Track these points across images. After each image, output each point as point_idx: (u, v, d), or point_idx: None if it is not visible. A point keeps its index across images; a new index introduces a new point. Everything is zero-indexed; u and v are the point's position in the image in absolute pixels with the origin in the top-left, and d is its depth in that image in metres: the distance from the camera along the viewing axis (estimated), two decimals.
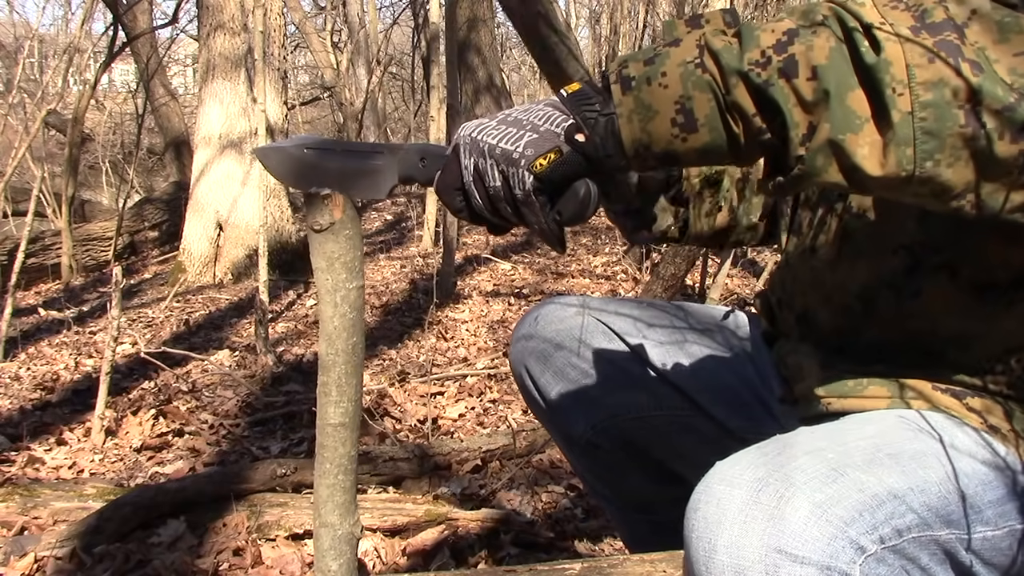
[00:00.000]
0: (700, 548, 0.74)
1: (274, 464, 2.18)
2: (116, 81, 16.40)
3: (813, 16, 0.73)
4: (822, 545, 0.71)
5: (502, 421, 2.83)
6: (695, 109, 0.74)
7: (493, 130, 0.82)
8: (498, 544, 1.88)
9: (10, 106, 6.79)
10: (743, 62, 0.72)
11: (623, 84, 0.76)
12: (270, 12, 5.98)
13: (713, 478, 0.77)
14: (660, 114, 0.75)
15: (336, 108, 12.02)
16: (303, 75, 15.96)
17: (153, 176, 11.95)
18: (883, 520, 0.74)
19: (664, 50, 0.76)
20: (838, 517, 0.72)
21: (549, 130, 0.80)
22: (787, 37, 0.72)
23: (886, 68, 0.69)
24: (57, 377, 3.71)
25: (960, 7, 0.71)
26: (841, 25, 0.72)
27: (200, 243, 5.98)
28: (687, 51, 0.75)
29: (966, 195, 0.71)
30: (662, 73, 0.75)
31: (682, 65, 0.75)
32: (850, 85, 0.70)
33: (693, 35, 0.76)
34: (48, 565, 1.85)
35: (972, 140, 0.69)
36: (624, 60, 0.78)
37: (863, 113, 0.70)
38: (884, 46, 0.69)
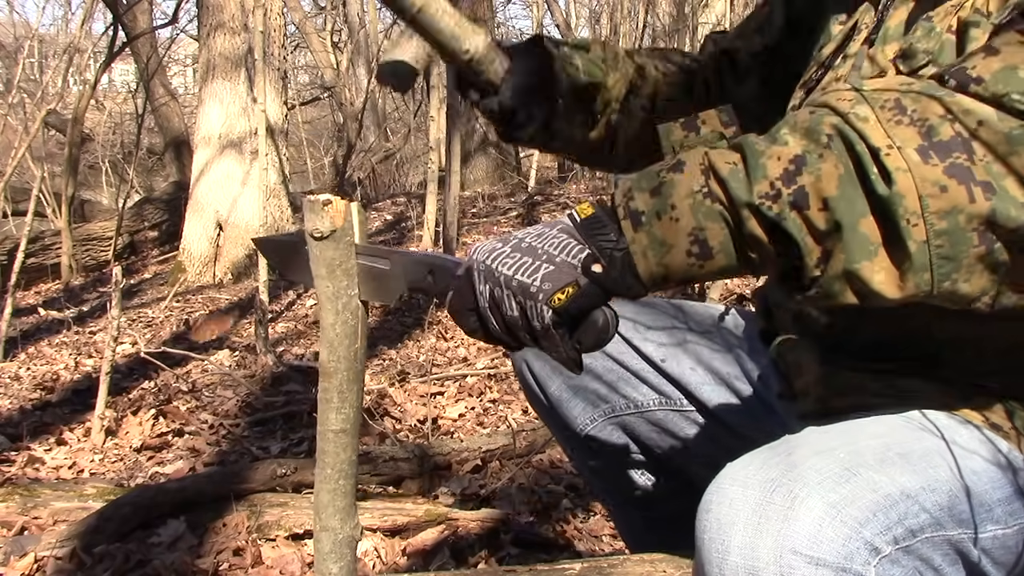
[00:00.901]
0: (713, 549, 0.73)
1: (274, 464, 2.18)
2: (116, 81, 16.40)
3: (818, 136, 0.73)
4: (837, 546, 0.70)
5: (502, 421, 2.83)
6: (709, 239, 0.75)
7: (507, 259, 0.80)
8: (498, 544, 1.88)
9: (10, 106, 6.80)
10: (753, 195, 0.73)
11: (633, 220, 0.76)
12: (270, 12, 5.98)
13: (724, 479, 0.76)
14: (675, 248, 0.76)
15: (336, 108, 12.02)
16: (303, 75, 15.96)
17: (153, 176, 11.95)
18: (896, 520, 0.73)
19: (669, 177, 0.76)
20: (852, 518, 0.72)
21: (565, 261, 0.78)
22: (795, 167, 0.72)
23: (899, 201, 0.69)
24: (57, 377, 3.71)
25: (967, 118, 0.71)
26: (848, 148, 0.71)
27: (200, 243, 5.99)
28: (693, 179, 0.75)
29: (982, 299, 0.73)
30: (671, 206, 0.75)
31: (690, 196, 0.75)
32: (861, 212, 0.71)
33: (695, 156, 0.76)
34: (48, 565, 1.85)
35: (988, 256, 0.70)
36: (629, 190, 0.78)
37: (876, 239, 0.71)
38: (895, 177, 0.69)
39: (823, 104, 0.76)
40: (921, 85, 0.74)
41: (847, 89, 0.76)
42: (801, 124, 0.74)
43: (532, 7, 15.67)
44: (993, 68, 0.72)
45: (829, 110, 0.74)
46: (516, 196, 8.63)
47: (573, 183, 9.30)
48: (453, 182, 4.70)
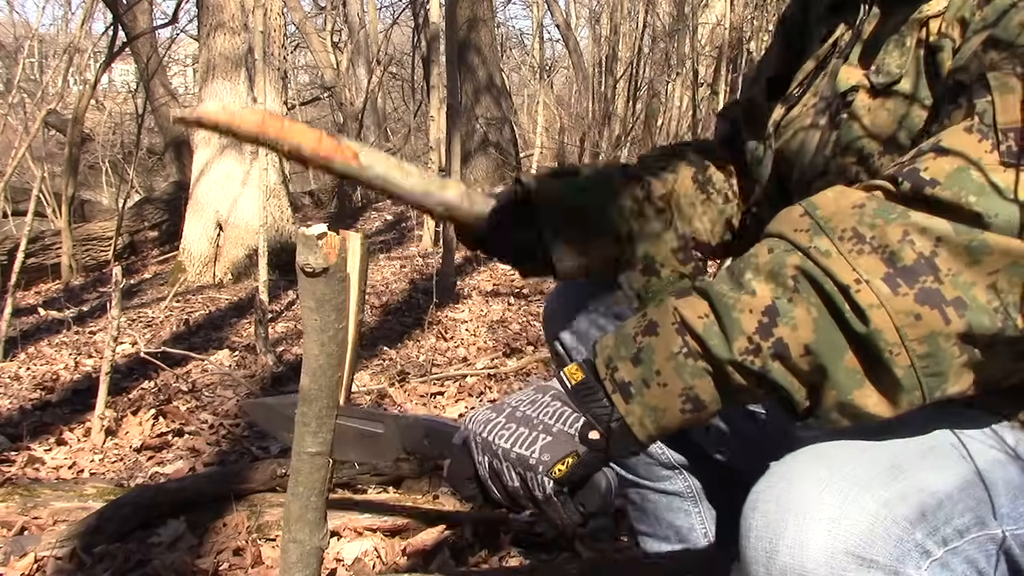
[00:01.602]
0: (760, 548, 0.72)
1: (274, 464, 2.18)
2: (116, 81, 16.40)
3: (783, 280, 0.74)
4: (890, 548, 0.70)
5: None
6: (700, 394, 0.77)
7: (504, 430, 0.81)
8: (498, 544, 1.88)
9: (10, 106, 6.79)
10: (733, 352, 0.74)
11: (623, 392, 0.78)
12: (270, 12, 5.98)
13: (773, 477, 0.76)
14: (669, 409, 0.78)
15: (336, 108, 12.02)
16: (303, 75, 15.96)
17: (153, 176, 11.95)
18: (945, 520, 0.73)
19: (646, 342, 0.78)
20: (904, 517, 0.71)
21: (563, 431, 0.80)
22: (768, 318, 0.74)
23: (878, 336, 0.71)
24: (57, 377, 3.71)
25: (924, 237, 0.72)
26: (816, 288, 0.73)
27: (200, 243, 5.98)
28: (670, 340, 0.77)
29: (975, 388, 0.75)
30: (656, 372, 0.77)
31: (672, 359, 0.77)
32: (842, 349, 0.72)
33: (665, 314, 0.78)
34: (48, 565, 1.85)
35: (971, 360, 0.72)
36: (610, 359, 0.80)
37: (860, 370, 0.73)
38: (870, 315, 0.71)
39: (779, 235, 0.77)
40: (874, 206, 0.74)
41: (800, 214, 0.77)
42: (764, 267, 0.75)
43: (532, 7, 15.68)
44: (946, 170, 0.73)
45: (788, 245, 0.75)
46: None
47: None
48: None
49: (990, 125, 0.74)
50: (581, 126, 10.64)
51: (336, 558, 1.87)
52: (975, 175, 0.72)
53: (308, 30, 12.58)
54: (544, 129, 11.40)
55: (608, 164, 1.23)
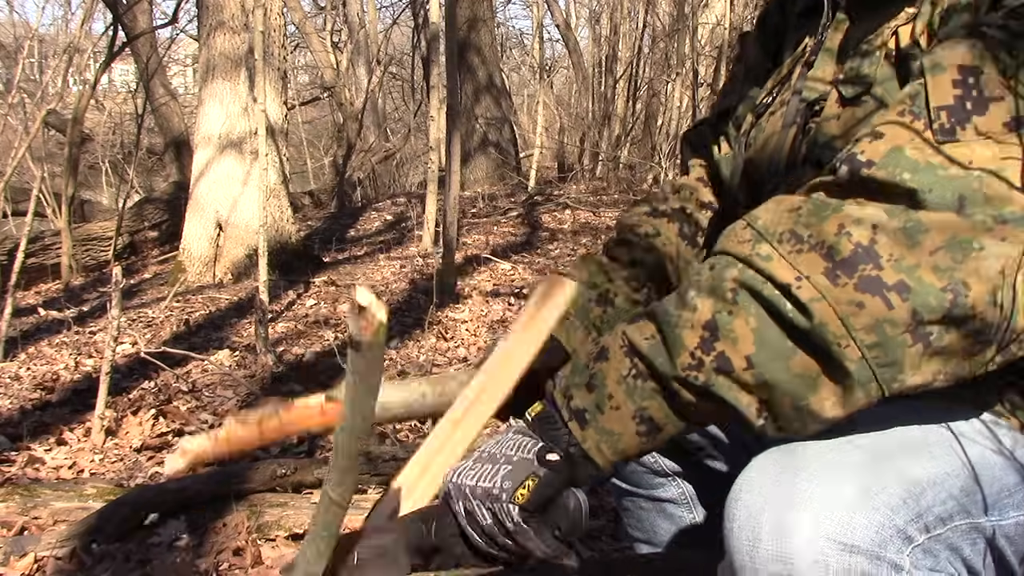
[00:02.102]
0: (743, 538, 0.73)
1: (274, 464, 2.18)
2: (116, 81, 16.40)
3: (722, 293, 0.74)
4: (871, 533, 0.70)
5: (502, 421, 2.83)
6: (652, 416, 0.78)
7: (471, 471, 0.83)
8: None
9: (10, 106, 6.79)
10: (677, 368, 0.75)
11: (578, 419, 0.80)
12: (270, 12, 5.98)
13: (753, 470, 0.77)
14: (624, 433, 0.79)
15: (336, 108, 12.02)
16: (303, 75, 15.96)
17: (153, 176, 11.96)
18: (927, 508, 0.74)
19: (597, 368, 0.80)
20: (884, 504, 0.72)
21: (522, 458, 0.82)
22: (709, 332, 0.74)
23: (824, 329, 0.70)
24: (57, 377, 3.71)
25: (860, 227, 0.71)
26: (755, 296, 0.73)
27: (200, 243, 5.98)
28: (619, 363, 0.79)
29: (938, 379, 0.73)
30: (608, 396, 0.79)
31: (622, 382, 0.78)
32: (788, 353, 0.72)
33: (615, 339, 0.80)
34: (48, 565, 1.85)
35: (928, 347, 0.71)
36: (567, 388, 0.82)
37: (813, 370, 0.72)
38: (812, 309, 0.70)
39: (723, 251, 0.77)
40: (809, 207, 0.74)
41: (742, 227, 0.77)
42: (705, 283, 0.76)
43: (532, 7, 15.68)
44: (881, 151, 0.73)
45: (731, 259, 0.76)
46: (516, 196, 8.63)
47: (573, 183, 9.30)
48: (453, 182, 4.70)
49: (923, 106, 0.74)
50: (581, 126, 10.64)
51: None
52: (909, 152, 0.72)
53: (308, 30, 12.58)
54: (544, 129, 11.40)
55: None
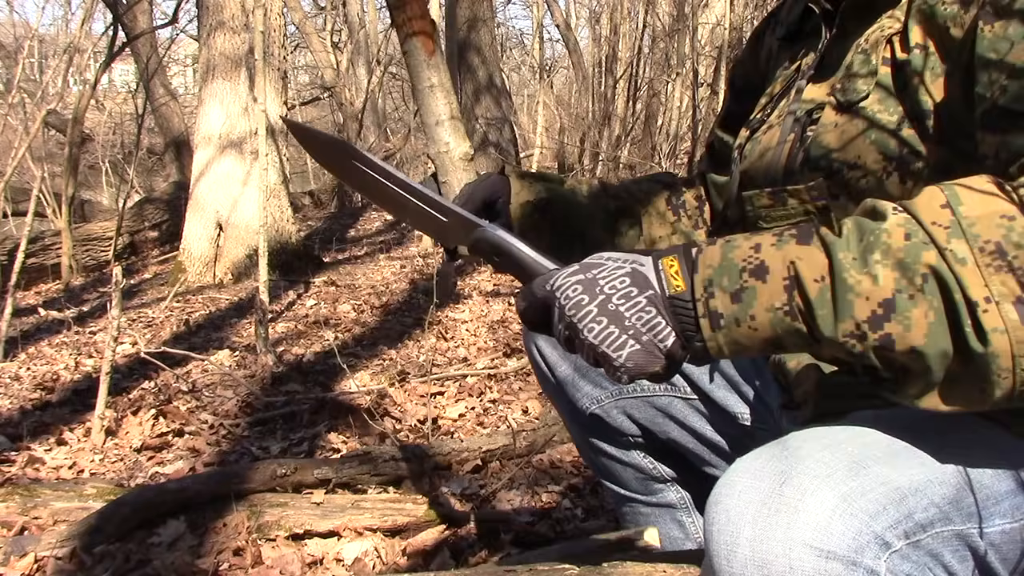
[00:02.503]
0: (722, 542, 0.73)
1: (274, 464, 2.18)
2: (116, 81, 16.40)
3: (911, 275, 0.71)
4: (848, 539, 0.70)
5: (502, 421, 2.83)
6: (784, 342, 0.77)
7: (594, 323, 0.79)
8: (498, 544, 1.88)
9: (10, 106, 6.79)
10: (837, 332, 0.73)
11: (712, 320, 0.77)
12: (270, 12, 5.98)
13: (734, 473, 0.77)
14: (750, 348, 0.78)
15: (336, 108, 12.02)
16: (303, 75, 15.96)
17: (153, 176, 11.96)
18: (906, 514, 0.73)
19: (751, 284, 0.76)
20: (863, 510, 0.72)
21: (652, 343, 0.79)
22: (883, 311, 0.71)
23: (992, 360, 0.69)
24: (57, 377, 3.71)
25: None
26: (943, 292, 0.70)
27: (200, 243, 5.98)
28: (775, 294, 0.75)
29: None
30: (751, 316, 0.76)
31: (771, 311, 0.75)
32: (947, 357, 0.71)
33: (780, 262, 0.75)
34: (48, 565, 1.85)
35: None
36: (710, 283, 0.77)
37: (959, 380, 0.71)
38: (991, 338, 0.69)
39: (915, 216, 0.73)
40: (1022, 225, 0.71)
41: (941, 204, 0.73)
42: (895, 253, 0.72)
43: (532, 7, 15.68)
44: None
45: (925, 235, 0.72)
46: None
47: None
48: None
49: None
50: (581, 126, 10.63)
51: (336, 558, 1.87)
52: None
53: (308, 30, 12.58)
54: (544, 129, 11.39)
55: (591, 181, 1.24)
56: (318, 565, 1.85)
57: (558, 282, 0.82)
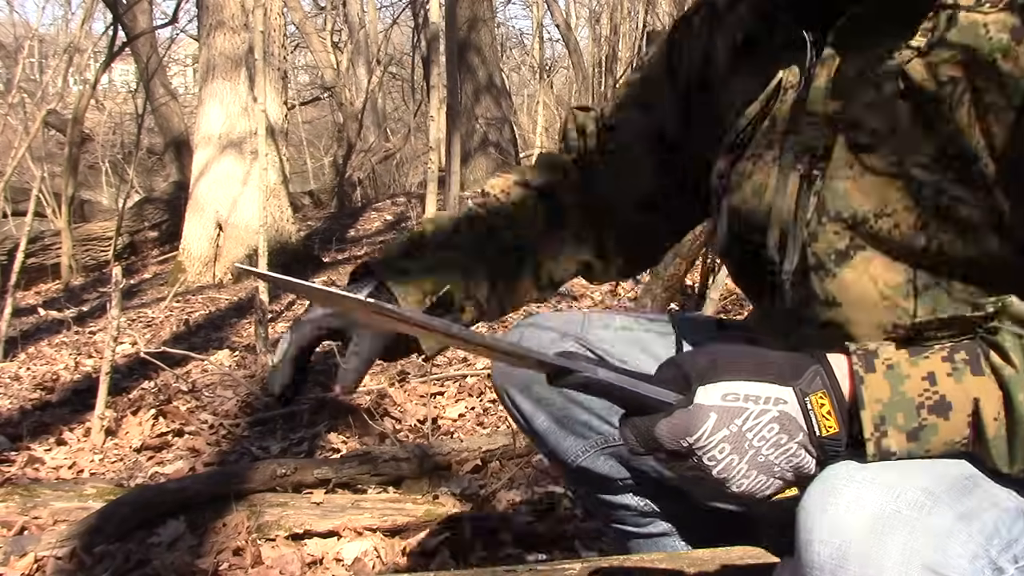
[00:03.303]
0: (826, 555, 0.68)
1: (274, 464, 2.18)
2: (116, 81, 16.41)
3: None
4: (965, 563, 0.66)
5: (502, 421, 2.83)
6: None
7: (744, 478, 0.75)
8: (498, 544, 1.88)
9: (10, 106, 6.79)
10: (1012, 468, 0.71)
11: (883, 457, 0.72)
12: (270, 12, 5.98)
13: (838, 479, 0.71)
14: None
15: (336, 108, 12.03)
16: (303, 75, 15.96)
17: (153, 176, 11.96)
18: (1016, 537, 0.70)
19: (932, 422, 0.71)
20: (980, 532, 0.68)
21: (794, 474, 0.76)
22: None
23: None
24: (57, 377, 3.71)
25: None
26: None
27: (200, 243, 5.99)
28: (958, 431, 0.71)
29: None
30: (927, 450, 0.72)
31: (949, 446, 0.72)
32: None
33: (964, 400, 0.71)
34: (48, 565, 1.85)
35: None
36: (882, 420, 0.72)
37: None
38: None
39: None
40: None
41: None
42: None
43: (532, 7, 15.69)
44: None
45: None
46: None
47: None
48: (453, 182, 4.70)
49: None
50: None
51: (336, 558, 1.87)
52: None
53: (308, 30, 12.58)
54: (544, 129, 11.40)
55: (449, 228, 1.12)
56: (318, 565, 1.85)
57: (701, 441, 0.74)
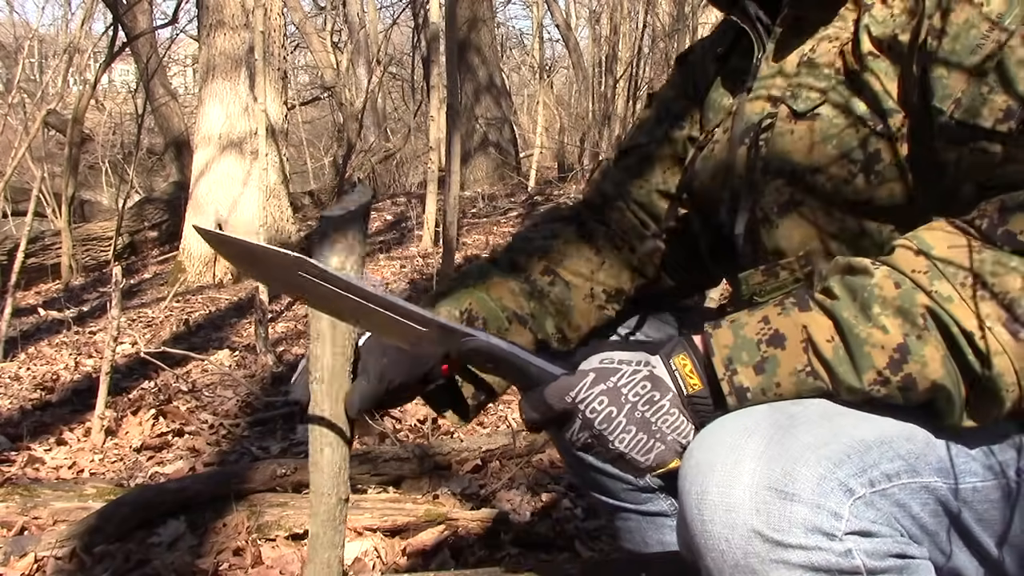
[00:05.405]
0: (693, 491, 0.77)
1: (274, 464, 2.18)
2: (116, 81, 16.41)
3: (913, 318, 0.77)
4: (812, 484, 0.74)
5: (502, 421, 2.83)
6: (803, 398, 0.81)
7: (623, 433, 0.84)
8: (498, 544, 1.88)
9: (10, 106, 6.80)
10: (863, 383, 0.78)
11: (738, 396, 0.81)
12: (270, 12, 5.98)
13: (705, 431, 0.81)
14: None
15: (336, 108, 12.03)
16: (303, 75, 15.96)
17: (153, 176, 11.96)
18: (872, 464, 0.77)
19: (771, 353, 0.81)
20: (827, 458, 0.75)
21: (675, 441, 0.84)
22: (899, 355, 0.77)
23: (999, 379, 0.75)
24: (57, 377, 3.71)
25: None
26: (942, 330, 0.76)
27: (200, 243, 5.98)
28: (796, 357, 0.80)
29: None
30: (776, 384, 0.80)
31: (795, 375, 0.80)
32: (960, 383, 0.77)
33: (793, 329, 0.80)
34: (48, 565, 1.85)
35: None
36: (730, 361, 0.81)
37: (968, 400, 0.78)
38: (993, 361, 0.75)
39: (895, 268, 0.79)
40: (991, 256, 0.77)
41: (914, 252, 0.79)
42: (892, 302, 0.78)
43: (532, 7, 15.68)
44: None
45: (911, 283, 0.78)
46: (516, 196, 8.63)
47: (573, 183, 9.30)
48: (453, 182, 4.70)
49: None
50: (581, 126, 10.64)
51: None
52: None
53: (308, 30, 12.58)
54: (544, 129, 11.39)
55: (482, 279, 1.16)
56: None
57: (581, 394, 0.85)
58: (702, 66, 1.17)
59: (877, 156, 0.89)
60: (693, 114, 1.16)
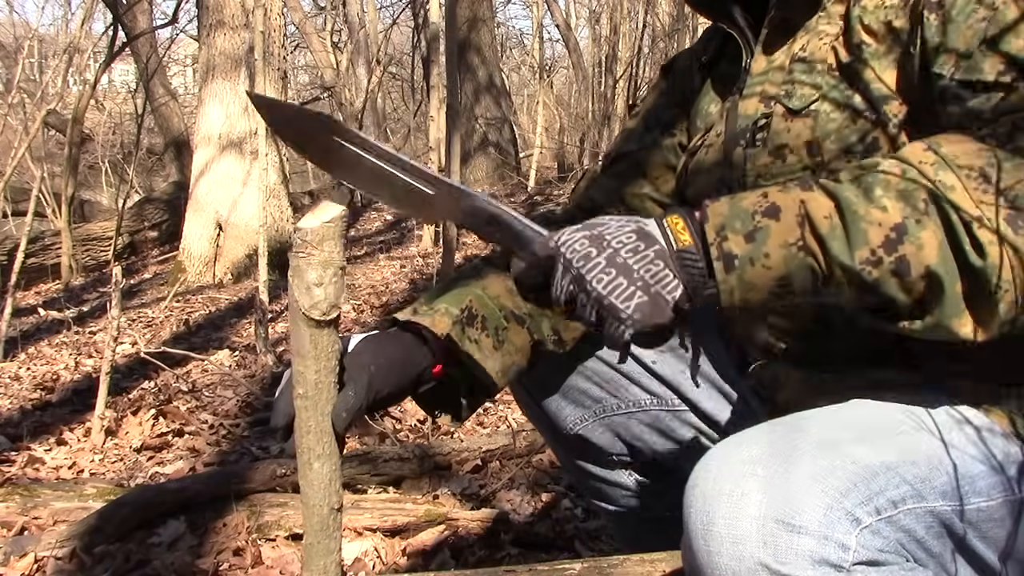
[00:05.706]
0: (698, 521, 0.76)
1: (274, 464, 2.19)
2: (116, 81, 16.40)
3: (914, 201, 0.76)
4: (818, 515, 0.73)
5: (502, 421, 2.83)
6: (794, 284, 0.79)
7: (602, 274, 0.81)
8: (498, 544, 1.88)
9: (10, 106, 6.80)
10: (854, 260, 0.76)
11: (726, 262, 0.79)
12: (270, 12, 5.98)
13: (710, 457, 0.80)
14: (760, 289, 0.79)
15: (336, 108, 12.03)
16: (303, 75, 15.96)
17: (153, 176, 11.96)
18: (877, 491, 0.76)
19: (764, 224, 0.79)
20: (833, 488, 0.74)
21: (660, 295, 0.80)
22: (896, 234, 0.75)
23: (992, 271, 0.74)
24: (57, 377, 3.71)
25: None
26: (943, 216, 0.75)
27: (200, 243, 5.99)
28: (789, 230, 0.78)
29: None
30: (765, 254, 0.78)
31: (785, 247, 0.78)
32: (957, 276, 0.75)
33: (791, 203, 0.79)
34: (48, 565, 1.85)
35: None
36: (722, 227, 0.79)
37: (964, 298, 0.76)
38: (988, 251, 0.74)
39: (903, 160, 0.78)
40: (1001, 154, 0.76)
41: (923, 148, 0.78)
42: (895, 185, 0.77)
43: (532, 7, 15.68)
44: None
45: (917, 173, 0.77)
46: (516, 196, 8.64)
47: (573, 183, 9.30)
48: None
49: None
50: (581, 126, 10.64)
51: None
52: None
53: (308, 30, 12.58)
54: (544, 129, 11.40)
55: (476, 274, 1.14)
56: None
57: (563, 237, 0.83)
58: (688, 75, 1.18)
59: (875, 145, 0.89)
60: (682, 122, 1.16)
